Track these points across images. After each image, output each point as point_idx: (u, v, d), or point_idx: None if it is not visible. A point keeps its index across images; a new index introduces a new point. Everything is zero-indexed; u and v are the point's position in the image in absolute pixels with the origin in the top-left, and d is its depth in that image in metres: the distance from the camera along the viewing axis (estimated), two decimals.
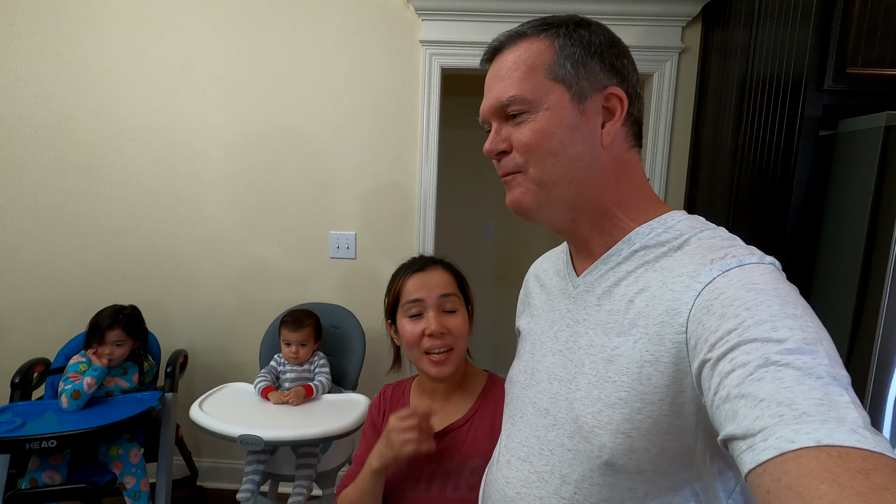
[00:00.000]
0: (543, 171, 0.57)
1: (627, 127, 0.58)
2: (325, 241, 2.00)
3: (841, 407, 0.35)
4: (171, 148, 1.96)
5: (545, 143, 0.56)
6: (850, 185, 1.20)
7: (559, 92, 0.55)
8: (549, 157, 0.56)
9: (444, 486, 0.86)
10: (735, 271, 0.47)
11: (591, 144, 0.56)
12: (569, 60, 0.55)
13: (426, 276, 0.92)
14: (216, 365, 2.09)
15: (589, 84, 0.56)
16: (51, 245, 2.01)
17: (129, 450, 1.64)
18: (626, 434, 0.50)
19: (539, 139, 0.56)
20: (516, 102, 0.56)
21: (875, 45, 1.18)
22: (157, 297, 2.04)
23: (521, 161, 0.57)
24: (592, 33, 0.57)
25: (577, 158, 0.56)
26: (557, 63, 0.56)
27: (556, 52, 0.56)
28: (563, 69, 0.55)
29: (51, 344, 1.93)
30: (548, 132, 0.55)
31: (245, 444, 1.31)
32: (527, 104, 0.56)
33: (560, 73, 0.55)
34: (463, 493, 0.85)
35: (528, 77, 0.56)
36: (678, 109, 1.90)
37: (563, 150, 0.55)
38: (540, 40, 0.57)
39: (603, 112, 0.57)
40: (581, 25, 0.58)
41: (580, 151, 0.56)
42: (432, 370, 0.89)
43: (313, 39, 1.89)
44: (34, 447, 1.38)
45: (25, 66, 1.92)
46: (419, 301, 0.89)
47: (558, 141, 0.55)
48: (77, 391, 1.54)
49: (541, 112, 0.56)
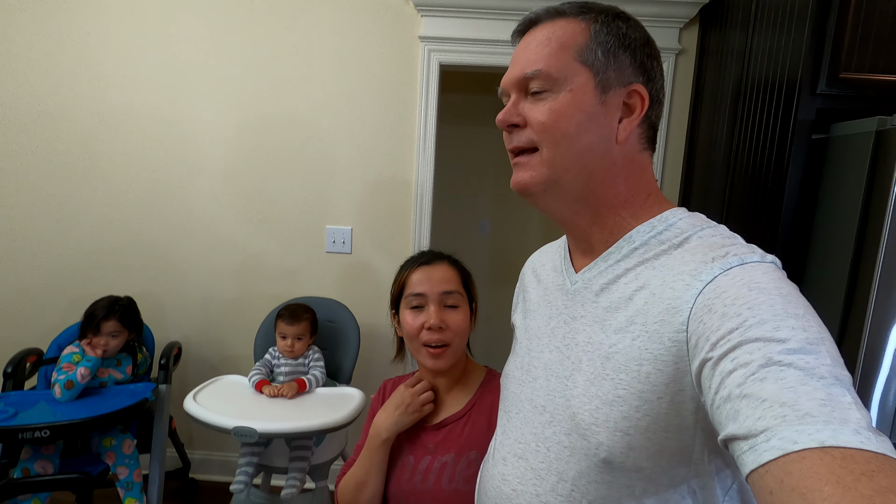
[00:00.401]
0: (556, 154, 0.55)
1: (643, 129, 0.58)
2: (322, 236, 2.00)
3: (844, 408, 0.35)
4: (167, 139, 1.95)
5: (561, 125, 0.54)
6: (841, 188, 1.22)
7: (585, 76, 0.55)
8: (562, 139, 0.55)
9: (440, 479, 0.87)
10: (737, 270, 0.46)
11: (606, 137, 0.55)
12: (601, 48, 0.55)
13: (431, 270, 0.93)
14: (210, 357, 2.09)
15: (616, 76, 0.55)
16: (44, 235, 2.00)
17: (123, 441, 1.64)
18: (623, 432, 0.50)
19: (556, 119, 0.55)
20: (541, 77, 0.55)
21: (868, 51, 1.20)
22: (152, 288, 2.03)
23: (535, 139, 0.56)
24: (630, 27, 0.57)
25: (590, 148, 0.55)
26: (589, 48, 0.55)
27: (590, 37, 0.55)
28: (593, 55, 0.55)
29: (44, 334, 1.92)
30: (566, 114, 0.54)
31: (239, 436, 1.31)
32: (551, 81, 0.55)
33: (590, 58, 0.55)
34: (458, 486, 0.86)
35: (558, 54, 0.55)
36: (674, 111, 1.92)
37: (578, 135, 0.55)
38: (577, 21, 0.56)
39: (623, 108, 0.56)
40: (620, 17, 0.57)
41: (594, 141, 0.55)
42: (429, 362, 0.90)
43: (311, 34, 1.89)
44: (27, 437, 1.37)
45: (14, 55, 1.90)
46: (421, 294, 0.91)
47: (575, 125, 0.54)
48: (70, 381, 1.54)
49: (563, 93, 0.55)
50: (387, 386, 1.04)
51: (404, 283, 0.94)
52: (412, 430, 0.93)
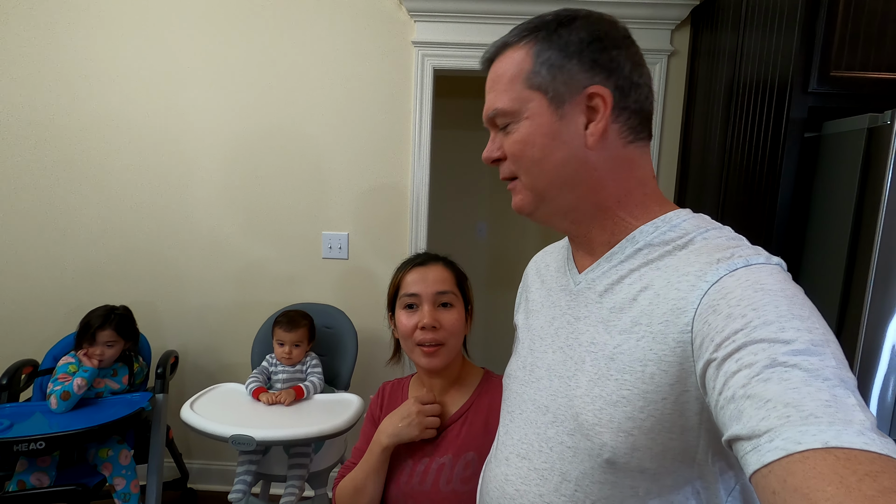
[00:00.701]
0: (532, 179, 0.58)
1: (622, 122, 0.56)
2: (318, 242, 2.00)
3: (848, 409, 0.35)
4: (162, 148, 1.95)
5: (528, 152, 0.56)
6: (834, 185, 1.23)
7: (537, 100, 0.55)
8: (533, 165, 0.57)
9: (438, 480, 0.87)
10: (742, 271, 0.46)
11: (576, 147, 0.55)
12: (545, 66, 0.55)
13: (426, 270, 0.93)
14: (207, 366, 2.08)
15: (566, 87, 0.55)
16: (38, 246, 1.99)
17: (119, 451, 1.63)
18: (627, 432, 0.50)
19: (522, 149, 0.57)
20: (500, 115, 0.58)
21: (858, 49, 1.21)
22: (148, 297, 2.02)
23: (514, 168, 0.59)
24: (573, 31, 0.55)
25: (563, 164, 0.56)
26: (534, 71, 0.55)
27: (533, 59, 0.55)
28: (539, 76, 0.55)
29: (39, 345, 1.91)
30: (529, 141, 0.56)
31: (237, 444, 1.31)
32: (509, 115, 0.57)
33: (536, 80, 0.55)
34: (456, 487, 0.86)
35: (509, 89, 0.57)
36: (667, 112, 1.93)
37: (546, 157, 0.56)
38: (520, 48, 0.57)
39: (588, 112, 0.55)
40: (563, 24, 0.56)
41: (564, 157, 0.55)
42: (423, 360, 0.90)
43: (305, 40, 1.89)
44: (22, 449, 1.36)
45: (13, 65, 1.90)
46: (415, 294, 0.91)
47: (539, 149, 0.56)
48: (67, 392, 1.52)
49: (522, 122, 0.56)
50: (385, 388, 1.04)
51: (399, 284, 0.95)
52: None
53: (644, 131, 0.58)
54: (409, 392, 1.01)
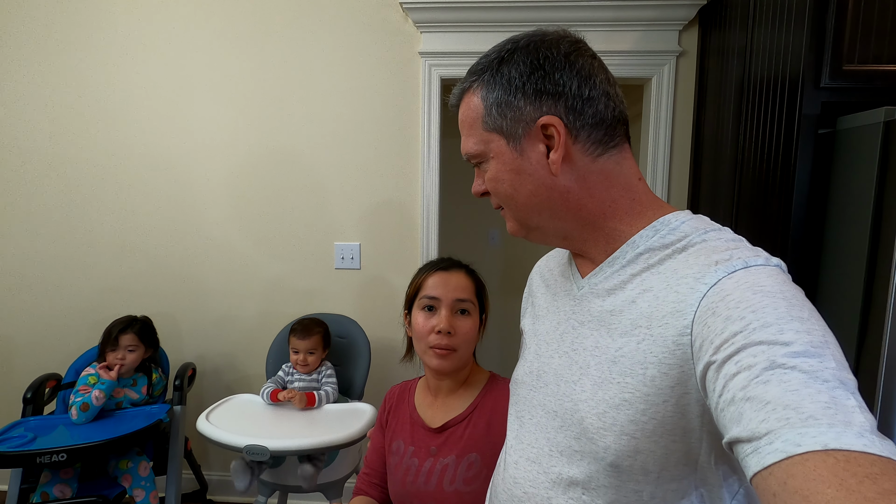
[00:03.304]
0: (512, 210, 0.61)
1: (583, 140, 0.55)
2: (330, 252, 2.02)
3: (848, 411, 0.35)
4: (175, 163, 2.00)
5: (500, 189, 0.59)
6: (851, 182, 1.19)
7: (496, 140, 0.57)
8: (508, 200, 0.60)
9: (441, 481, 0.89)
10: (741, 273, 0.46)
11: (541, 178, 0.56)
12: (494, 107, 0.56)
13: (448, 276, 0.96)
14: (225, 377, 2.10)
15: (518, 124, 0.55)
16: (61, 261, 2.05)
17: (139, 463, 1.65)
18: (630, 435, 0.50)
19: (494, 186, 0.60)
20: (472, 158, 0.61)
21: (871, 41, 1.18)
22: (166, 310, 2.06)
23: (497, 201, 0.63)
24: (513, 66, 0.55)
25: (533, 194, 0.57)
26: (487, 113, 0.57)
27: (482, 103, 0.58)
28: (491, 118, 0.57)
29: (62, 359, 1.96)
30: (499, 178, 0.59)
31: (251, 455, 1.31)
32: (479, 157, 0.60)
33: (491, 123, 0.57)
34: (459, 487, 0.87)
35: (472, 133, 0.60)
36: (678, 112, 1.90)
37: (517, 191, 0.58)
38: (473, 93, 0.59)
39: (545, 139, 0.55)
40: (504, 61, 0.56)
41: (532, 188, 0.57)
42: (434, 362, 0.92)
43: (313, 54, 1.93)
44: (45, 461, 1.39)
45: (26, 82, 1.97)
46: (435, 298, 0.93)
47: (509, 185, 0.58)
48: (86, 404, 1.56)
49: (490, 161, 0.59)
50: (393, 391, 1.07)
51: (420, 286, 0.97)
52: (416, 432, 0.95)
53: (615, 139, 0.57)
54: (415, 394, 1.02)
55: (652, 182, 1.92)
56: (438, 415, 0.95)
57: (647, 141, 1.94)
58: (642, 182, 0.59)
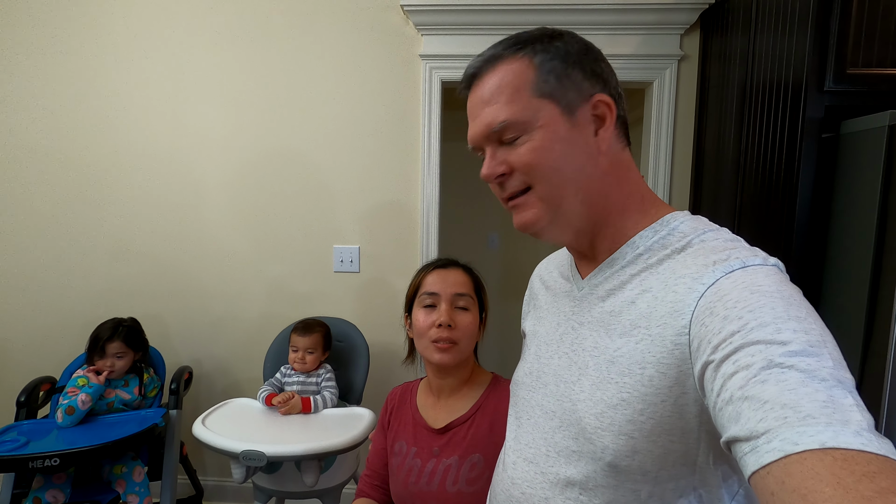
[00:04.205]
0: (550, 188, 0.56)
1: (618, 128, 0.58)
2: (329, 256, 2.00)
3: (845, 409, 0.35)
4: (173, 165, 1.99)
5: (546, 160, 0.55)
6: (855, 186, 1.19)
7: (549, 108, 0.55)
8: (553, 173, 0.56)
9: (444, 481, 0.89)
10: (738, 273, 0.46)
11: (590, 153, 0.56)
12: (552, 74, 0.55)
13: (446, 273, 0.98)
14: (221, 381, 2.08)
15: (575, 94, 0.56)
16: (56, 265, 2.03)
17: (133, 468, 1.63)
18: (628, 435, 0.51)
19: (540, 157, 0.55)
20: (509, 127, 0.56)
21: (875, 45, 1.18)
22: (163, 313, 2.04)
23: (527, 180, 0.57)
24: (567, 43, 0.57)
25: (580, 168, 0.56)
26: (541, 79, 0.55)
27: (536, 69, 0.56)
28: (547, 84, 0.55)
29: (57, 362, 1.94)
30: (547, 148, 0.55)
31: (248, 460, 1.29)
32: (520, 126, 0.56)
33: (546, 88, 0.55)
34: (462, 488, 0.88)
35: (515, 99, 0.56)
36: (679, 117, 1.90)
37: (566, 164, 0.56)
38: (518, 59, 0.56)
39: (594, 119, 0.57)
40: (554, 37, 0.57)
41: (581, 162, 0.56)
42: (435, 356, 0.92)
43: (313, 56, 1.92)
44: (37, 465, 1.37)
45: (27, 85, 1.96)
46: (435, 294, 0.95)
47: (559, 155, 0.55)
48: (71, 407, 1.55)
49: (535, 131, 0.55)
50: (395, 392, 1.06)
51: (420, 284, 0.99)
52: (419, 433, 0.95)
53: (628, 139, 0.61)
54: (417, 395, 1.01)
55: (653, 186, 1.91)
56: (441, 416, 0.96)
57: (648, 145, 1.94)
58: (644, 180, 0.63)
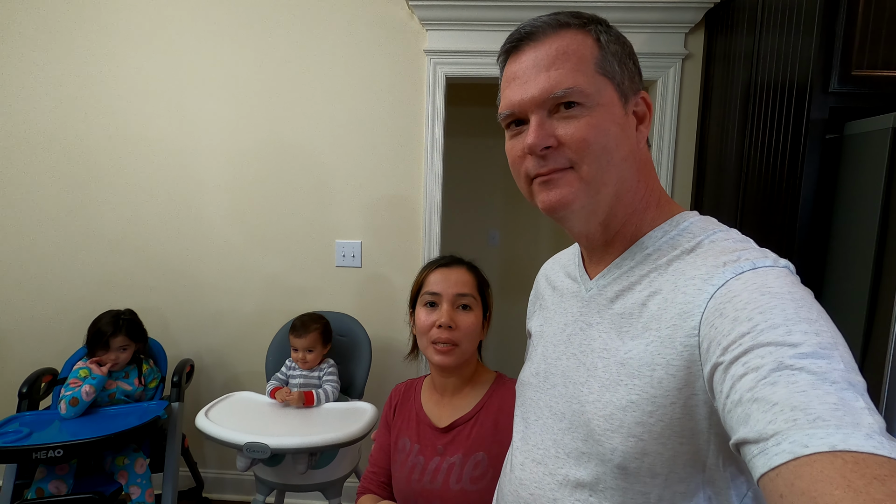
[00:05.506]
0: (598, 170, 0.53)
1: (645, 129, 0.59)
2: (331, 250, 2.01)
3: (856, 412, 0.35)
4: (174, 158, 1.98)
5: (602, 140, 0.53)
6: (858, 188, 1.19)
7: (610, 89, 0.54)
8: (604, 154, 0.53)
9: (448, 479, 0.89)
10: (749, 274, 0.46)
11: (633, 146, 0.56)
12: (615, 58, 0.54)
13: (449, 272, 0.97)
14: (223, 374, 2.08)
15: (629, 85, 0.55)
16: (58, 256, 2.03)
17: (135, 460, 1.63)
18: (637, 437, 0.50)
19: (597, 135, 0.52)
20: (574, 94, 0.52)
21: (880, 47, 1.18)
22: (164, 306, 2.04)
23: (575, 157, 0.53)
24: (620, 35, 0.57)
25: (625, 158, 0.55)
26: (605, 59, 0.54)
27: (602, 48, 0.54)
28: (610, 66, 0.54)
29: (58, 354, 1.94)
30: (603, 129, 0.53)
31: (251, 452, 1.30)
32: (584, 97, 0.52)
33: (608, 69, 0.54)
34: (465, 486, 0.88)
35: (581, 69, 0.52)
36: (682, 116, 1.90)
37: (617, 148, 0.54)
38: (584, 33, 0.54)
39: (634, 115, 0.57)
40: (610, 26, 0.57)
41: (626, 152, 0.55)
42: (436, 358, 0.92)
43: (317, 51, 1.92)
44: (40, 457, 1.37)
45: (25, 77, 1.95)
46: (436, 294, 0.94)
47: (613, 138, 0.53)
48: (75, 398, 1.55)
49: (596, 107, 0.53)
50: (399, 388, 1.06)
51: (422, 282, 0.98)
52: (423, 431, 0.95)
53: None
54: (421, 393, 1.02)
55: None
56: (445, 414, 0.95)
57: (651, 143, 1.94)
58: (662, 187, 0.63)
